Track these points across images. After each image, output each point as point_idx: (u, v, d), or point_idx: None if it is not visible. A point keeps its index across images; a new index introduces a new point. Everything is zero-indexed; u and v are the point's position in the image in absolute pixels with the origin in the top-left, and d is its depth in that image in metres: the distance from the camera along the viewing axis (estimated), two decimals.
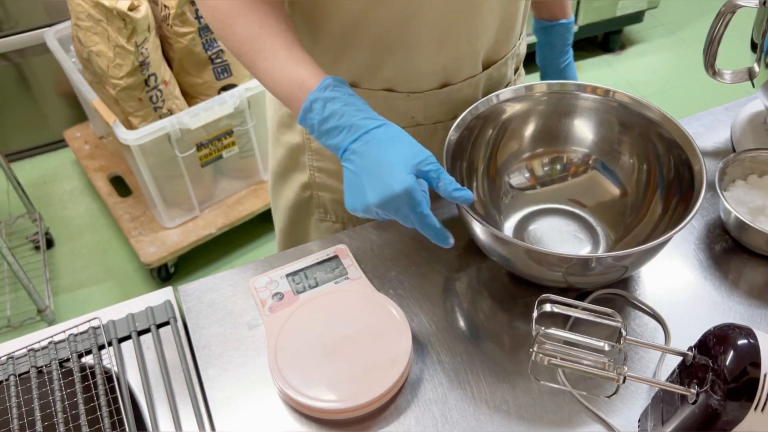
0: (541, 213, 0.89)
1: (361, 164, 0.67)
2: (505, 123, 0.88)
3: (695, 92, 2.47)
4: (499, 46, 0.88)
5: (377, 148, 0.67)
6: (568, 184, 0.90)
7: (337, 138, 0.68)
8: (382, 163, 0.66)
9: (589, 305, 0.64)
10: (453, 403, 0.72)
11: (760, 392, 0.54)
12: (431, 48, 0.80)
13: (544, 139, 0.90)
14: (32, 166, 2.30)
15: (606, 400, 0.70)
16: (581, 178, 0.90)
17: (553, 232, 0.87)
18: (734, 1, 0.88)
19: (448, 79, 0.85)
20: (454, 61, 0.83)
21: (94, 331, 0.78)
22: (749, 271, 0.83)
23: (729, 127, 1.02)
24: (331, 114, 0.68)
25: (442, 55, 0.82)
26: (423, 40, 0.79)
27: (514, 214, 0.89)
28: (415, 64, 0.82)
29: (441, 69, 0.84)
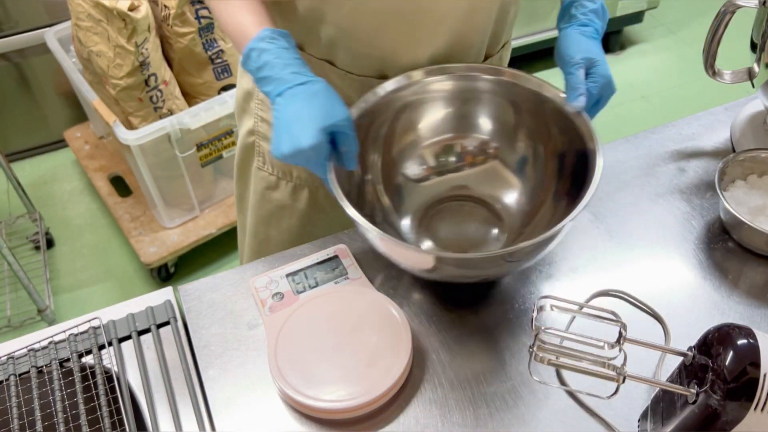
0: (443, 204, 0.88)
1: (281, 116, 0.71)
2: (397, 114, 0.86)
3: (695, 92, 2.47)
4: (449, 59, 0.85)
5: (298, 103, 0.71)
6: (470, 173, 0.89)
7: (267, 87, 0.73)
8: (298, 118, 0.70)
9: (589, 305, 0.64)
10: (453, 403, 0.72)
11: (760, 392, 0.54)
12: (367, 31, 0.81)
13: (440, 127, 0.88)
14: (32, 166, 2.30)
15: (606, 400, 0.70)
16: (482, 167, 0.88)
17: (454, 222, 0.87)
18: (734, 1, 0.88)
19: (384, 73, 0.85)
20: (390, 55, 0.83)
21: (94, 331, 0.78)
22: (749, 271, 0.83)
23: (729, 127, 1.02)
24: (263, 64, 0.72)
25: (377, 43, 0.82)
26: (355, 24, 0.80)
27: (414, 208, 0.88)
28: (346, 45, 0.83)
29: (376, 59, 0.84)
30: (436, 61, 0.84)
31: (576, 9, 0.85)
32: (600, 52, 0.81)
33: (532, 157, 0.86)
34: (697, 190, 0.93)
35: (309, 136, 0.69)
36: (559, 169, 0.83)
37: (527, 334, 0.78)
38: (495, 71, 0.84)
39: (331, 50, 0.85)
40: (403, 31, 0.81)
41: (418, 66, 0.84)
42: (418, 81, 0.84)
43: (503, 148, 0.87)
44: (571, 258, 0.86)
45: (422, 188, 0.89)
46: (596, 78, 0.79)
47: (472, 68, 0.85)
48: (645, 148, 1.00)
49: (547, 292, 0.82)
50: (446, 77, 0.85)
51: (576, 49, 0.80)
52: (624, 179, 0.95)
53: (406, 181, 0.88)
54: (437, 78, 0.85)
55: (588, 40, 0.82)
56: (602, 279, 0.83)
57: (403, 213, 0.87)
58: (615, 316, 0.62)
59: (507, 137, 0.87)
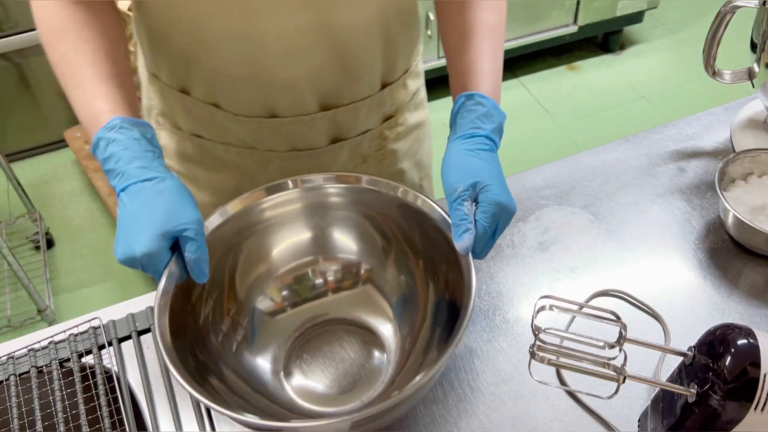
0: (312, 335, 0.77)
1: (122, 215, 0.64)
2: (239, 245, 0.75)
3: (695, 92, 2.47)
4: (340, 92, 0.80)
5: (139, 202, 0.64)
6: (340, 297, 0.79)
7: (113, 181, 0.66)
8: (137, 220, 0.63)
9: (589, 305, 0.64)
10: (453, 403, 0.72)
11: (760, 392, 0.54)
12: (239, 78, 0.76)
13: (298, 250, 0.78)
14: (32, 166, 2.30)
15: (606, 400, 0.70)
16: (354, 291, 0.79)
17: (331, 354, 0.75)
18: (734, 2, 0.88)
19: (273, 111, 0.80)
20: (272, 94, 0.78)
21: (94, 331, 0.78)
22: (749, 271, 0.83)
23: (729, 127, 1.02)
24: (110, 155, 0.65)
25: (255, 88, 0.77)
26: (226, 69, 0.75)
27: (278, 343, 0.76)
28: (227, 87, 0.78)
29: (260, 99, 0.78)
30: (325, 95, 0.79)
31: (461, 116, 0.71)
32: (490, 170, 0.67)
33: (400, 282, 0.77)
34: (697, 190, 0.93)
35: (144, 242, 0.61)
36: (433, 282, 0.73)
37: (527, 334, 0.78)
38: (350, 179, 0.75)
39: (212, 92, 0.79)
40: (268, 70, 0.75)
41: (307, 102, 0.78)
42: (257, 205, 0.74)
43: (371, 268, 0.78)
44: (571, 258, 0.86)
45: (280, 321, 0.77)
46: (485, 207, 0.65)
47: (327, 179, 0.76)
48: (645, 148, 1.00)
49: (547, 292, 0.82)
50: (293, 193, 0.76)
51: (458, 174, 0.67)
52: (624, 179, 0.95)
53: (261, 315, 0.76)
54: (283, 195, 0.75)
55: (473, 158, 0.68)
56: (602, 279, 0.83)
57: (262, 350, 0.75)
58: (615, 316, 0.62)
59: (374, 257, 0.78)
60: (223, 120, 0.81)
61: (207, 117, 0.82)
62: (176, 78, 0.81)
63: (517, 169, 0.99)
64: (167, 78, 0.82)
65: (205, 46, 0.74)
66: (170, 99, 0.84)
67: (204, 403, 0.57)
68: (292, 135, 0.82)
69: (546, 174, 0.97)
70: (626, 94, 2.48)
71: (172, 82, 0.82)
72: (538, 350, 0.59)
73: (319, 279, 0.79)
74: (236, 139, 0.84)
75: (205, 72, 0.77)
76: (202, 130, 0.85)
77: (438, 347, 0.67)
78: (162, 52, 0.79)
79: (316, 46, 0.73)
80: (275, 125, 0.81)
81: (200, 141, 0.86)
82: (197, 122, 0.84)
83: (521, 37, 2.40)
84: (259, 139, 0.83)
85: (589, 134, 2.33)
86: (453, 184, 0.67)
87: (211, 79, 0.78)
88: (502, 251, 0.87)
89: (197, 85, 0.80)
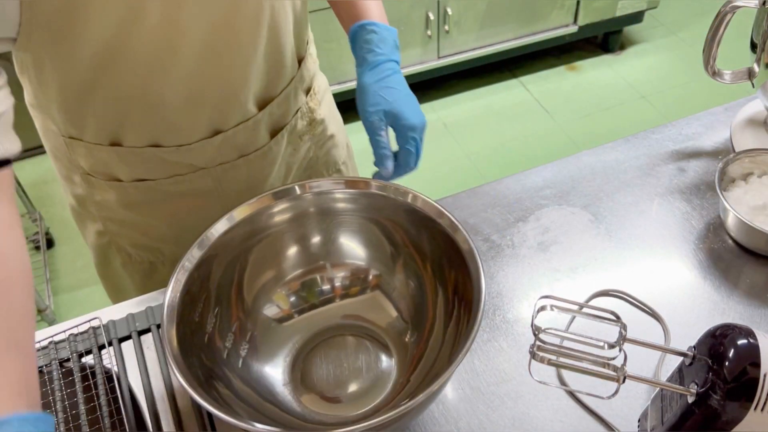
0: (318, 342, 0.76)
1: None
2: (247, 249, 0.75)
3: (695, 92, 2.47)
4: (272, 86, 0.81)
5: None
6: (348, 303, 0.79)
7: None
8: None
9: (589, 305, 0.64)
10: (453, 403, 0.72)
11: (760, 392, 0.54)
12: (180, 106, 0.74)
13: (306, 256, 0.78)
14: (32, 166, 2.30)
15: (606, 400, 0.70)
16: (361, 296, 0.79)
17: (337, 361, 0.75)
18: (734, 2, 0.88)
19: (218, 127, 0.79)
20: (215, 113, 0.78)
21: (94, 331, 0.78)
22: (749, 271, 0.83)
23: (729, 127, 1.02)
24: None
25: (198, 110, 0.76)
26: (168, 99, 0.74)
27: (285, 351, 0.75)
28: (168, 120, 0.76)
29: (204, 121, 0.78)
30: (261, 93, 0.80)
31: (360, 47, 0.79)
32: (398, 96, 0.76)
33: (410, 287, 0.77)
34: (697, 190, 0.93)
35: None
36: (442, 287, 0.73)
37: (527, 334, 0.78)
38: (358, 184, 0.74)
39: (151, 132, 0.77)
40: (214, 91, 0.75)
41: (248, 107, 0.78)
42: (263, 211, 0.74)
43: (379, 274, 0.78)
44: (571, 258, 0.86)
45: (288, 327, 0.77)
46: (402, 132, 0.76)
47: (335, 182, 0.75)
48: (645, 148, 1.00)
49: (547, 292, 0.82)
50: (300, 198, 0.75)
51: (373, 107, 0.75)
52: (624, 179, 0.95)
53: (269, 322, 0.76)
54: (285, 203, 0.75)
55: (383, 88, 0.76)
56: (602, 279, 0.83)
57: (270, 357, 0.74)
58: (615, 316, 0.62)
59: (382, 262, 0.78)
60: (167, 156, 0.79)
61: (148, 159, 0.80)
62: (105, 132, 0.77)
63: (517, 169, 0.99)
64: (93, 137, 0.78)
65: (145, 85, 0.71)
66: (100, 155, 0.80)
67: (215, 414, 0.57)
68: (240, 143, 0.82)
69: (546, 174, 0.97)
70: (626, 94, 2.48)
71: (99, 139, 0.78)
72: (538, 350, 0.59)
73: (327, 285, 0.79)
74: (184, 167, 0.82)
75: (142, 111, 0.74)
76: (144, 173, 0.82)
77: (447, 352, 0.67)
78: (85, 112, 0.75)
79: (258, 54, 0.74)
80: (222, 140, 0.80)
81: (145, 184, 0.83)
82: (137, 168, 0.81)
83: (521, 37, 2.40)
84: (208, 159, 0.82)
85: (589, 134, 2.33)
86: (369, 117, 0.76)
87: (148, 117, 0.75)
88: (502, 251, 0.87)
89: (132, 130, 0.77)
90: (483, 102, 2.48)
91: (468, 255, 0.67)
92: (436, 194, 0.76)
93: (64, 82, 0.73)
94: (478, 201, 0.94)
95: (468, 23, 2.29)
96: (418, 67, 2.33)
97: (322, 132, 0.96)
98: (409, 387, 0.70)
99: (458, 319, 0.68)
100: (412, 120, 0.76)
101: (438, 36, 2.28)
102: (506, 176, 0.97)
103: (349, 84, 2.25)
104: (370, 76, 0.78)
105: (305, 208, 0.76)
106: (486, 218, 0.91)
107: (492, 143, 2.31)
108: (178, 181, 0.83)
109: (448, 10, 2.21)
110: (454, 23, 2.26)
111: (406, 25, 2.20)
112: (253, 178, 0.87)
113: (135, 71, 0.70)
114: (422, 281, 0.75)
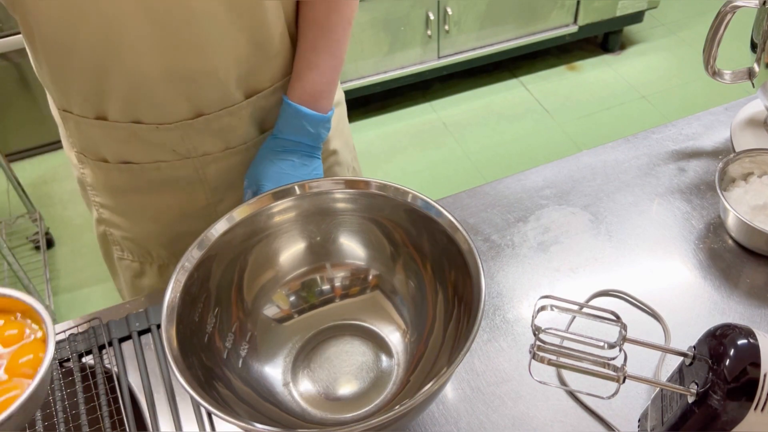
0: (319, 341, 0.76)
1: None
2: (247, 249, 0.74)
3: (695, 92, 2.47)
4: (259, 74, 0.81)
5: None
6: (348, 303, 0.78)
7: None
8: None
9: (589, 305, 0.64)
10: (453, 403, 0.72)
11: (760, 392, 0.54)
12: (158, 77, 0.74)
13: (305, 256, 0.78)
14: (32, 166, 2.30)
15: (606, 400, 0.70)
16: (361, 297, 0.78)
17: (336, 360, 0.75)
18: (734, 1, 0.88)
19: (199, 109, 0.79)
20: (195, 89, 0.77)
21: (94, 331, 0.78)
22: (749, 271, 0.83)
23: (729, 127, 1.02)
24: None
25: (176, 84, 0.75)
26: (144, 69, 0.73)
27: (285, 351, 0.75)
28: (147, 92, 0.75)
29: (183, 98, 0.77)
30: (247, 81, 0.80)
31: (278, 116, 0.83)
32: (270, 172, 0.81)
33: (410, 286, 0.77)
34: (697, 190, 0.93)
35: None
36: (442, 287, 0.73)
37: (527, 334, 0.78)
38: (358, 184, 0.74)
39: (131, 107, 0.77)
40: (187, 64, 0.75)
41: (231, 92, 0.78)
42: (262, 210, 0.74)
43: (379, 274, 0.78)
44: (571, 258, 0.86)
45: (288, 327, 0.77)
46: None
47: (334, 183, 0.75)
48: (645, 148, 1.00)
49: (547, 292, 0.82)
50: (300, 198, 0.75)
51: (251, 176, 0.82)
52: (624, 179, 0.95)
53: (269, 322, 0.76)
54: (286, 202, 0.74)
55: (270, 161, 0.81)
56: (602, 279, 0.83)
57: (270, 357, 0.74)
58: (615, 316, 0.62)
59: (382, 262, 0.78)
60: (149, 135, 0.79)
61: (130, 138, 0.80)
62: (89, 104, 0.78)
63: (517, 169, 0.99)
64: (80, 109, 0.79)
65: (118, 50, 0.71)
66: (88, 131, 0.81)
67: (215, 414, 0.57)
68: (223, 131, 0.82)
69: (546, 174, 0.97)
70: (626, 94, 2.48)
71: (85, 112, 0.79)
72: (539, 350, 0.59)
73: (327, 285, 0.79)
74: (166, 153, 0.82)
75: (121, 84, 0.74)
76: (128, 154, 0.82)
77: (447, 352, 0.67)
78: (69, 79, 0.76)
79: (230, 26, 0.74)
80: (204, 123, 0.80)
81: (129, 167, 0.83)
82: (121, 147, 0.81)
83: (521, 37, 2.40)
84: (190, 146, 0.82)
85: (589, 134, 2.33)
86: (246, 184, 0.82)
87: (128, 90, 0.75)
88: (502, 251, 0.87)
89: (113, 104, 0.77)
90: (483, 102, 2.48)
91: (468, 255, 0.67)
92: (436, 194, 0.76)
93: (44, 46, 0.73)
94: (478, 201, 0.94)
95: (468, 23, 2.29)
96: (418, 67, 2.33)
97: (324, 145, 0.92)
98: (409, 387, 0.70)
99: (458, 319, 0.68)
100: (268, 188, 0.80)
101: (438, 36, 2.28)
102: (506, 176, 0.97)
103: (350, 83, 2.25)
104: (268, 146, 0.83)
105: (305, 208, 0.76)
106: (486, 218, 0.91)
107: (492, 143, 2.31)
108: (161, 167, 0.83)
109: (448, 10, 2.21)
110: (454, 23, 2.26)
111: (406, 25, 2.20)
112: (238, 176, 0.86)
113: (99, 35, 0.70)
114: (422, 281, 0.75)
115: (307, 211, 0.76)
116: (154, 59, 0.73)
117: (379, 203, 0.74)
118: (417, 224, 0.73)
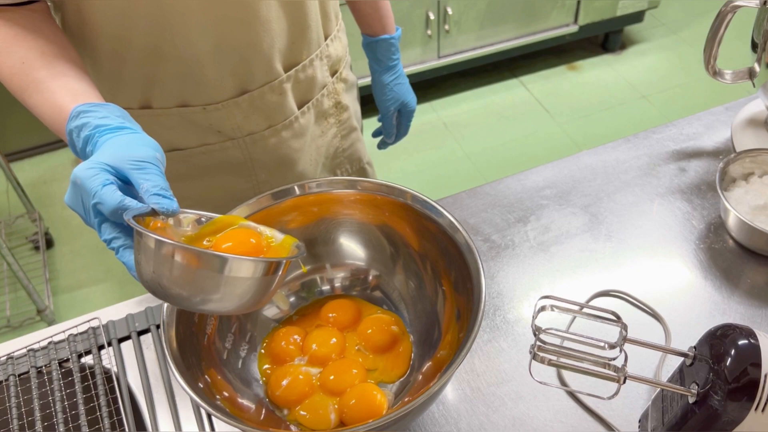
0: None
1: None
2: None
3: (695, 92, 2.47)
4: (297, 47, 0.83)
5: (105, 146, 0.60)
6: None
7: (88, 147, 0.62)
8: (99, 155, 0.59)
9: (589, 305, 0.64)
10: (453, 403, 0.72)
11: (761, 393, 0.54)
12: (208, 54, 0.76)
13: (306, 256, 0.75)
14: (32, 166, 2.30)
15: (606, 400, 0.70)
16: (361, 297, 0.79)
17: None
18: (734, 1, 0.88)
19: (244, 86, 0.81)
20: (241, 65, 0.79)
21: (94, 331, 0.78)
22: (749, 271, 0.83)
23: (729, 127, 1.02)
24: (84, 124, 0.61)
25: (224, 61, 0.78)
26: (195, 48, 0.75)
27: None
28: (196, 73, 0.77)
29: (229, 75, 0.79)
30: (285, 54, 0.81)
31: (382, 53, 1.00)
32: (406, 91, 1.05)
33: (408, 288, 0.77)
34: (697, 190, 0.93)
35: (83, 167, 0.57)
36: (441, 288, 0.73)
37: (527, 334, 0.77)
38: (357, 184, 0.74)
39: (180, 89, 0.79)
40: (239, 37, 0.77)
41: (273, 65, 0.80)
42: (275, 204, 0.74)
43: (379, 274, 0.78)
44: (571, 258, 0.85)
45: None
46: (407, 116, 1.08)
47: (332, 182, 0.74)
48: (645, 148, 1.00)
49: (548, 292, 0.82)
50: (300, 198, 0.74)
51: (390, 100, 1.04)
52: (624, 179, 0.95)
53: (268, 323, 0.76)
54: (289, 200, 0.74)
55: (396, 85, 1.03)
56: (602, 279, 0.83)
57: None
58: (615, 316, 0.62)
59: (382, 263, 0.78)
60: (195, 117, 0.81)
61: (177, 123, 0.81)
62: (138, 93, 0.79)
63: (517, 169, 0.99)
64: (126, 99, 0.80)
65: (170, 32, 0.73)
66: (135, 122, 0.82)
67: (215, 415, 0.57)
68: (267, 108, 0.84)
69: (546, 174, 0.97)
70: (627, 93, 2.48)
71: (131, 102, 0.80)
72: (539, 350, 0.59)
73: (327, 285, 0.79)
74: (212, 134, 0.83)
75: (172, 67, 0.76)
76: (175, 141, 0.83)
77: (448, 352, 0.67)
78: (121, 70, 0.77)
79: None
80: (248, 101, 0.82)
81: (177, 154, 0.84)
82: (167, 133, 0.82)
83: (521, 37, 2.40)
84: (235, 125, 0.83)
85: (589, 134, 2.33)
86: (387, 107, 1.05)
87: (178, 73, 0.77)
88: (502, 251, 0.87)
89: (162, 89, 0.78)
90: (483, 102, 2.48)
91: (468, 255, 0.66)
92: (436, 194, 0.76)
93: (97, 40, 0.75)
94: (478, 201, 0.94)
95: (468, 23, 2.29)
96: (418, 67, 2.33)
97: (348, 120, 0.99)
98: (409, 387, 0.70)
99: (458, 319, 0.68)
100: (412, 105, 1.07)
101: (438, 36, 2.28)
102: (506, 176, 0.97)
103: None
104: (387, 77, 1.02)
105: (305, 208, 0.76)
106: (486, 218, 0.91)
107: (492, 143, 2.31)
108: (208, 151, 0.85)
109: (449, 10, 2.21)
110: (455, 23, 2.26)
111: (406, 25, 2.20)
112: (283, 155, 0.89)
113: (151, 19, 0.72)
114: (422, 281, 0.75)
115: (307, 212, 0.76)
116: (203, 36, 0.75)
117: (379, 203, 0.74)
118: (417, 224, 0.73)
